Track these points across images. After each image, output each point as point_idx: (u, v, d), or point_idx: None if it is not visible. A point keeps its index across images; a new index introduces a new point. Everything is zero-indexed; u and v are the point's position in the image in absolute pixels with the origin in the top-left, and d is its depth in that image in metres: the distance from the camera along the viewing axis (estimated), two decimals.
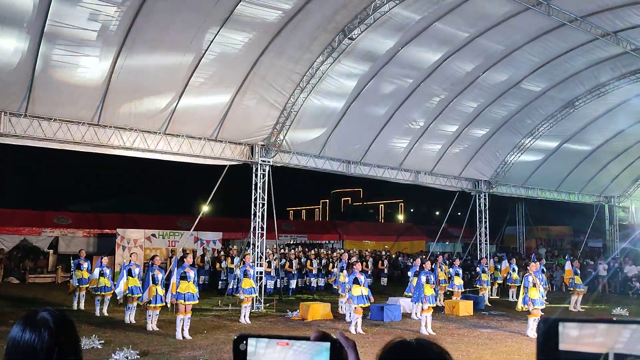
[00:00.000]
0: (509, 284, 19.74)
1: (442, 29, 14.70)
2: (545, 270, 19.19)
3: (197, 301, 11.78)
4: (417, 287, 13.02)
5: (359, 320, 12.41)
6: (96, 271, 14.23)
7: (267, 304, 15.98)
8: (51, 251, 24.85)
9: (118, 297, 13.80)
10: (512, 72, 17.19)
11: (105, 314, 14.03)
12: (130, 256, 14.41)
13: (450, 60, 16.02)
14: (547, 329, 0.82)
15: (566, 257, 19.00)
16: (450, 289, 17.18)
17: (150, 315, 12.06)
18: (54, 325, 1.56)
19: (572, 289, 17.11)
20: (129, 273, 13.14)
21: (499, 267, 20.35)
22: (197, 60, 13.35)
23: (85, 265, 15.03)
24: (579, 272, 17.39)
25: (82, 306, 14.92)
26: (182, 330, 11.10)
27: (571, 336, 0.80)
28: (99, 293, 14.11)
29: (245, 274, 13.76)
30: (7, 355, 1.53)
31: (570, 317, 0.83)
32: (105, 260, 14.82)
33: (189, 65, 13.39)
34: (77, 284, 14.86)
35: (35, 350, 1.52)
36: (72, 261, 15.55)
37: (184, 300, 11.29)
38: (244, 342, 0.96)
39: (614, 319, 0.84)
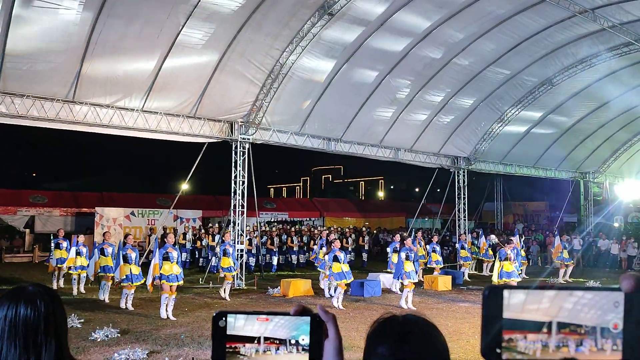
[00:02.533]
0: (483, 259, 20.09)
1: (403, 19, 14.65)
2: (523, 245, 19.85)
3: (181, 282, 11.55)
4: (398, 264, 13.16)
5: (341, 295, 12.54)
6: (72, 250, 14.08)
7: (249, 281, 16.03)
8: (27, 230, 24.53)
9: (89, 276, 13.67)
10: (492, 48, 17.20)
11: (82, 291, 13.94)
12: (104, 235, 14.24)
13: (416, 48, 16.11)
14: (492, 296, 0.81)
15: (555, 233, 19.66)
16: (430, 266, 17.43)
17: (125, 294, 11.94)
18: (46, 296, 1.58)
19: (560, 262, 17.84)
20: (102, 252, 13.03)
21: (475, 242, 20.64)
22: (174, 36, 13.07)
23: (65, 244, 14.84)
24: (567, 246, 18.30)
25: (61, 284, 14.82)
26: (167, 310, 10.94)
27: (516, 304, 0.80)
28: (75, 272, 13.99)
29: (225, 253, 13.74)
30: (2, 334, 1.51)
31: (516, 285, 0.83)
32: (81, 238, 14.67)
33: (166, 41, 13.11)
34: (56, 264, 14.70)
35: (34, 322, 1.53)
36: (52, 240, 15.38)
37: (167, 282, 11.04)
38: (223, 318, 0.96)
39: (559, 285, 0.83)
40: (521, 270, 17.47)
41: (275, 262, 21.05)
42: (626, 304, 0.77)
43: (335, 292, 12.73)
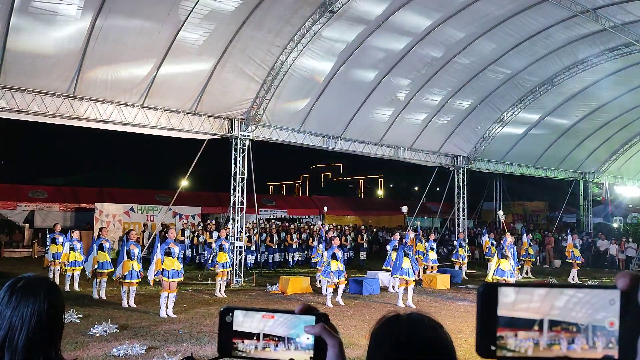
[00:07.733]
0: (488, 258, 20.12)
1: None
2: (531, 244, 20.10)
3: (181, 278, 11.46)
4: (396, 261, 13.19)
5: (340, 290, 12.57)
6: (66, 246, 14.00)
7: (247, 278, 16.05)
8: (27, 225, 24.54)
9: (87, 273, 13.52)
10: (492, 47, 17.19)
11: (77, 288, 13.81)
12: (100, 231, 14.09)
13: (416, 47, 16.07)
14: (486, 293, 0.81)
15: (567, 232, 20.05)
16: (425, 263, 17.46)
17: (125, 291, 11.85)
18: (45, 286, 1.60)
19: (572, 261, 18.23)
20: (100, 248, 12.93)
21: (475, 241, 20.68)
22: (175, 32, 13.06)
23: (61, 239, 14.74)
24: (578, 246, 18.78)
25: (56, 281, 14.74)
26: (167, 307, 10.87)
27: (509, 302, 0.80)
28: (69, 268, 13.93)
29: (221, 248, 13.76)
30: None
31: (510, 282, 0.82)
32: (75, 234, 14.53)
33: (167, 36, 13.10)
34: (52, 259, 14.64)
35: (37, 313, 1.54)
36: (47, 235, 15.33)
37: (168, 278, 10.94)
38: (230, 314, 0.97)
39: (551, 283, 0.83)
40: (522, 268, 17.59)
41: (275, 259, 21.07)
42: (622, 301, 0.77)
43: (326, 291, 12.79)
